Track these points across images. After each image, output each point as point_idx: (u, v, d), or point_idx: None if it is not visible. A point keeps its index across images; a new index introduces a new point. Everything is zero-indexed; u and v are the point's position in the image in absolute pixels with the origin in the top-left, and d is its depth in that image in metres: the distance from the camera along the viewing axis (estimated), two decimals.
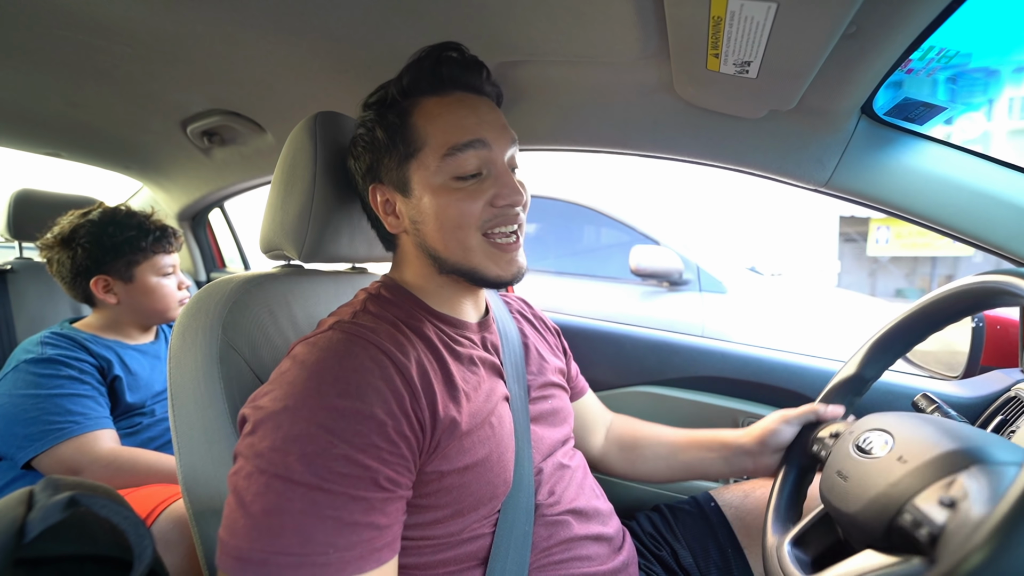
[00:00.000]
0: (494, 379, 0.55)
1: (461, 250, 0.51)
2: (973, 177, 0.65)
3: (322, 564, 0.35)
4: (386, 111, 0.52)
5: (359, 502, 0.37)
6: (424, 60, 0.51)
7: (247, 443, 0.39)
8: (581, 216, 2.37)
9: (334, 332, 0.45)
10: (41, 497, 0.36)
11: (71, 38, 0.72)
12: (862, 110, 0.67)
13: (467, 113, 0.50)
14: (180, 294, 0.97)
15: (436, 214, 0.50)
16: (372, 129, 0.53)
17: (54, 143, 1.24)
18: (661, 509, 0.75)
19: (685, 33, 0.54)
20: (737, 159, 0.77)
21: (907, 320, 0.53)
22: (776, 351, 0.94)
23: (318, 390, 0.40)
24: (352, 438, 0.38)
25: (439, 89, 0.51)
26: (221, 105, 1.00)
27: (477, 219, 0.50)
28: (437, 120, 0.50)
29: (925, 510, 0.33)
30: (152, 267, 0.92)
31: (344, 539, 0.36)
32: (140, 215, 0.94)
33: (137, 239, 0.90)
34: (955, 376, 0.84)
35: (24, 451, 0.75)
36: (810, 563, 0.46)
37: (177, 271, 0.99)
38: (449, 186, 0.49)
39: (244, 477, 0.38)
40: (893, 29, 0.50)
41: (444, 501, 0.46)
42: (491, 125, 0.51)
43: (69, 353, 0.83)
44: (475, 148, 0.49)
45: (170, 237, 0.96)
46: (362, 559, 0.36)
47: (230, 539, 0.36)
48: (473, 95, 0.52)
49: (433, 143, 0.49)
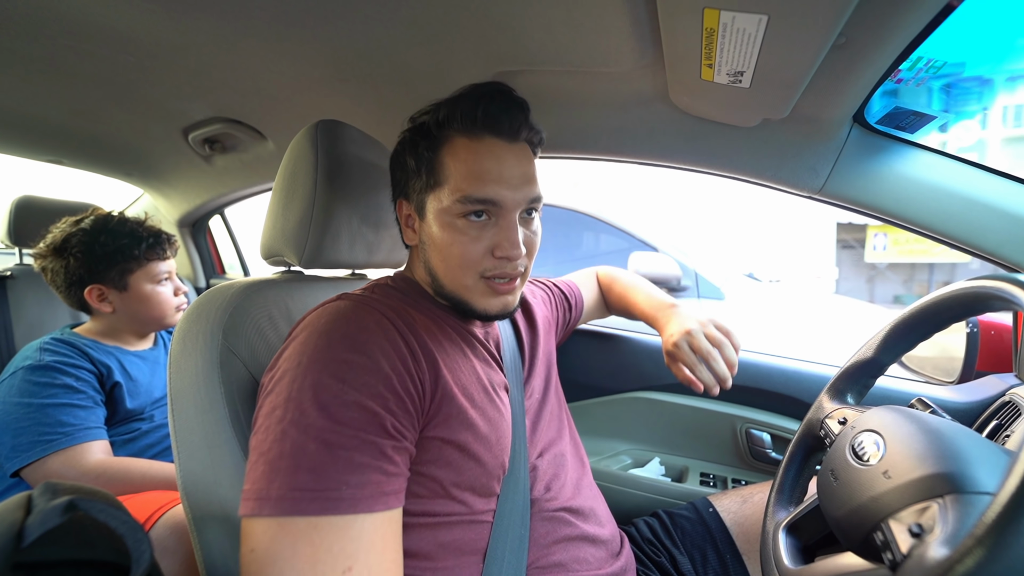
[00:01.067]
0: (494, 369, 0.58)
1: (457, 284, 0.54)
2: (964, 184, 0.66)
3: (335, 499, 0.37)
4: (419, 139, 0.54)
5: (369, 445, 0.40)
6: (463, 98, 0.52)
7: (266, 403, 0.42)
8: (580, 223, 2.38)
9: (342, 300, 0.49)
10: (39, 501, 0.37)
11: (74, 47, 0.73)
12: (854, 119, 0.68)
13: (491, 166, 0.50)
14: (177, 300, 0.96)
15: (441, 247, 0.53)
16: (403, 153, 0.56)
17: (56, 150, 1.24)
18: (659, 515, 0.75)
19: (679, 44, 0.55)
20: (732, 167, 0.79)
21: (909, 319, 0.53)
22: (774, 357, 0.95)
23: (328, 346, 0.43)
24: (361, 387, 0.41)
25: (471, 130, 0.51)
26: (223, 113, 1.01)
27: (478, 263, 0.52)
28: (461, 164, 0.51)
29: (895, 534, 0.34)
30: (146, 274, 0.92)
31: (356, 478, 0.38)
32: (133, 222, 0.93)
33: (130, 247, 0.89)
34: (950, 381, 0.84)
35: (11, 461, 0.75)
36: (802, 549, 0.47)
37: (173, 277, 0.97)
38: (456, 225, 0.51)
39: (262, 432, 0.40)
40: (882, 40, 0.51)
41: (443, 473, 0.47)
42: (510, 182, 0.51)
43: (68, 360, 0.82)
44: (484, 204, 0.51)
45: (164, 243, 0.94)
46: (372, 499, 0.38)
47: (250, 486, 0.38)
48: (504, 143, 0.52)
49: (452, 184, 0.51)
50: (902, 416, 0.43)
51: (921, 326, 0.51)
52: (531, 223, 0.55)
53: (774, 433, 0.89)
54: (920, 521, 0.33)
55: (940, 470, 0.35)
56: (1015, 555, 0.26)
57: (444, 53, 0.70)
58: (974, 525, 0.28)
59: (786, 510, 0.52)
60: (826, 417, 0.53)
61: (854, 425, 0.46)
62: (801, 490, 0.55)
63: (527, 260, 0.55)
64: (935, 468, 0.35)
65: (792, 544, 0.48)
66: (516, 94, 0.54)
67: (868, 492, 0.38)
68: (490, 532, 0.50)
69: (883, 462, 0.39)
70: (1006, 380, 0.78)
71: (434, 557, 0.47)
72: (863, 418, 0.46)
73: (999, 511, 0.27)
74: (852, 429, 0.45)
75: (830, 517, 0.42)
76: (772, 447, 0.89)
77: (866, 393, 0.57)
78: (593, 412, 1.02)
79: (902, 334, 0.53)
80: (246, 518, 0.38)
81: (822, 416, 0.54)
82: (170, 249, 0.96)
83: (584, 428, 1.02)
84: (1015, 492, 0.27)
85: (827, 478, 0.44)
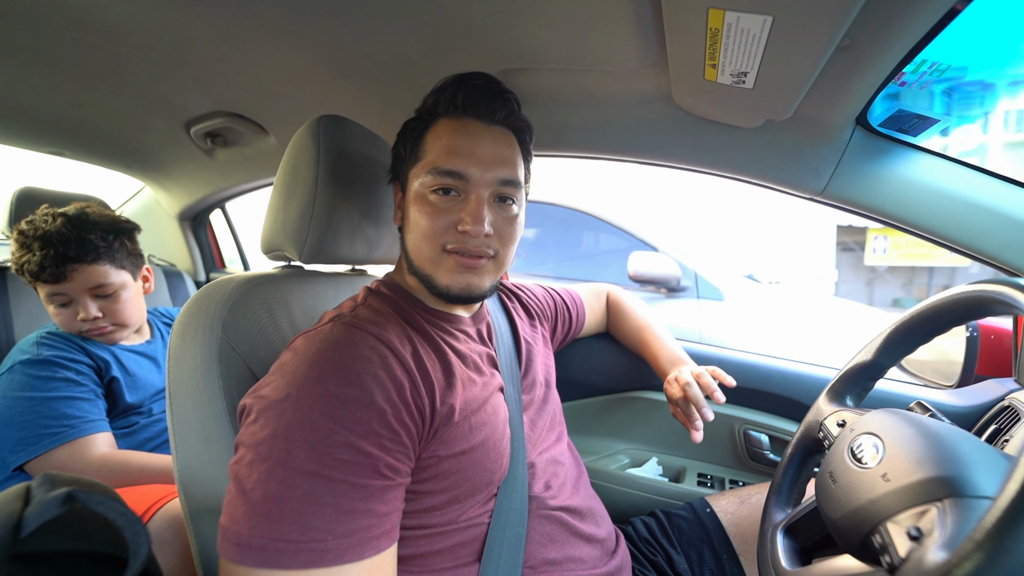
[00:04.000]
0: (490, 369, 0.57)
1: (423, 257, 0.54)
2: (966, 188, 0.66)
3: (320, 551, 0.35)
4: (413, 123, 0.57)
5: (359, 489, 0.38)
6: (447, 86, 0.55)
7: (248, 432, 0.40)
8: (580, 221, 2.38)
9: (334, 325, 0.47)
10: (38, 493, 0.37)
11: (77, 39, 0.73)
12: (857, 121, 0.68)
13: (464, 142, 0.52)
14: (78, 326, 0.84)
15: (413, 219, 0.54)
16: (399, 139, 0.59)
17: (58, 142, 1.24)
18: (657, 514, 0.75)
19: (683, 44, 0.55)
20: (734, 167, 0.78)
21: (909, 322, 0.53)
22: (773, 358, 0.95)
23: (319, 378, 0.41)
24: (353, 425, 0.39)
25: (453, 113, 0.54)
26: (225, 107, 1.00)
27: (440, 235, 0.52)
28: (439, 140, 0.53)
29: (893, 537, 0.34)
30: (42, 293, 0.84)
31: (343, 526, 0.36)
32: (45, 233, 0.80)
33: (28, 262, 0.80)
34: (950, 385, 0.84)
35: (16, 455, 0.74)
36: (799, 551, 0.47)
37: (84, 300, 0.83)
38: (427, 198, 0.53)
39: (246, 465, 0.38)
40: (886, 42, 0.51)
41: (442, 486, 0.47)
42: (480, 160, 0.52)
43: (65, 354, 0.82)
44: (452, 178, 0.52)
45: (50, 266, 0.79)
46: (360, 546, 0.37)
47: (230, 526, 0.37)
48: (483, 124, 0.54)
49: (428, 158, 0.53)
50: (901, 419, 0.42)
51: (921, 329, 0.51)
52: (506, 209, 0.54)
53: (772, 435, 0.89)
54: (919, 524, 0.33)
55: (939, 474, 0.35)
56: (1014, 560, 0.26)
57: (447, 50, 0.70)
58: (973, 529, 0.28)
59: (784, 511, 0.52)
60: (825, 419, 0.53)
61: (853, 427, 0.46)
62: (799, 492, 0.55)
63: (499, 245, 0.54)
64: (934, 472, 0.35)
65: (789, 546, 0.48)
66: (501, 84, 0.56)
67: (866, 495, 0.38)
68: (487, 532, 0.50)
69: (882, 465, 0.39)
70: (1006, 384, 0.78)
71: (430, 560, 0.47)
72: (862, 421, 0.46)
73: (998, 515, 0.27)
74: (851, 431, 0.45)
75: (828, 519, 0.42)
76: (770, 448, 0.89)
77: (865, 396, 0.57)
78: (591, 411, 1.02)
79: (902, 337, 0.53)
80: (225, 560, 0.36)
81: (821, 418, 0.54)
82: (64, 270, 0.81)
83: (582, 427, 1.02)
84: (1015, 497, 0.27)
85: (825, 480, 0.44)
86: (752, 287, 2.22)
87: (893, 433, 0.42)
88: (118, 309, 0.88)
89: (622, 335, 0.94)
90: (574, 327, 0.87)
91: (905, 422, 0.42)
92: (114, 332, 0.89)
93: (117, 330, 0.89)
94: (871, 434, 0.43)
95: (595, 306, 0.93)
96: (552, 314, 0.82)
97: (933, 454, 0.37)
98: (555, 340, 0.82)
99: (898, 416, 0.43)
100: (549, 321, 0.80)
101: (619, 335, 0.95)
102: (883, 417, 0.44)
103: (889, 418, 0.44)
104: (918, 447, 0.38)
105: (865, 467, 0.40)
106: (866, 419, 0.46)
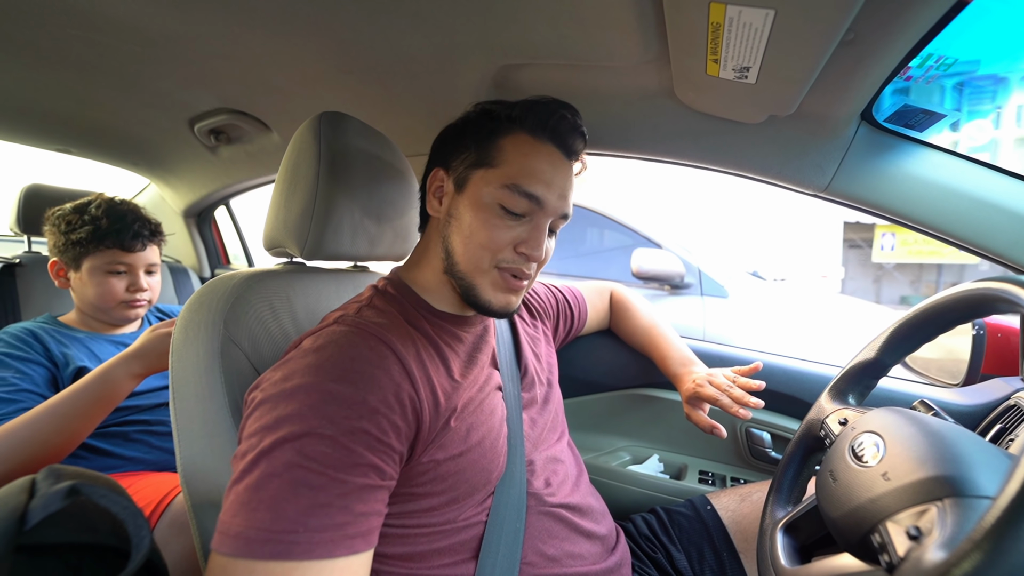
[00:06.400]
0: (489, 369, 0.58)
1: (472, 266, 0.54)
2: (973, 184, 0.65)
3: (290, 542, 0.35)
4: (485, 120, 0.56)
5: (337, 484, 0.37)
6: (541, 104, 0.55)
7: (245, 424, 0.41)
8: (583, 218, 2.37)
9: (338, 325, 0.47)
10: (43, 485, 0.37)
11: (82, 37, 0.73)
12: (862, 116, 0.67)
13: (547, 168, 0.53)
14: (125, 296, 0.92)
15: (470, 224, 0.53)
16: (462, 127, 0.57)
17: (64, 139, 1.25)
18: (657, 511, 0.75)
19: (685, 38, 0.54)
20: (737, 163, 0.78)
21: (914, 319, 0.53)
22: (776, 356, 0.94)
23: (315, 375, 0.41)
24: (341, 421, 0.39)
25: (538, 133, 0.55)
26: (228, 104, 1.01)
27: (499, 251, 0.53)
28: (521, 156, 0.53)
29: (892, 536, 0.34)
30: (100, 259, 0.89)
31: (316, 520, 0.36)
32: (119, 208, 0.91)
33: (93, 230, 0.88)
34: (955, 384, 0.84)
35: None
36: (799, 549, 0.47)
37: (138, 273, 0.93)
38: (493, 210, 0.52)
39: (239, 456, 0.39)
40: (891, 36, 0.50)
41: (440, 488, 0.47)
42: (557, 191, 0.54)
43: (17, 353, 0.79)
44: (530, 201, 0.52)
45: (129, 235, 0.89)
46: (332, 543, 0.36)
47: (221, 515, 0.37)
48: (562, 155, 0.56)
49: (505, 169, 0.53)
50: (903, 418, 0.42)
51: (926, 327, 0.51)
52: (552, 239, 0.58)
53: (774, 432, 0.89)
54: (918, 524, 0.33)
55: (940, 473, 0.35)
56: (1013, 560, 0.26)
57: (448, 46, 0.69)
58: (972, 529, 0.28)
59: (784, 509, 0.52)
60: (827, 417, 0.53)
61: (854, 426, 0.45)
62: (800, 490, 0.55)
63: (536, 269, 0.56)
64: (935, 471, 0.35)
65: (789, 544, 0.48)
66: (581, 120, 0.58)
67: (867, 493, 0.38)
68: (484, 529, 0.50)
69: (882, 464, 0.39)
70: (1012, 383, 0.77)
71: (429, 558, 0.47)
72: (864, 419, 0.45)
73: (998, 515, 0.27)
74: (852, 430, 0.45)
75: (828, 517, 0.42)
76: (772, 446, 0.88)
77: (868, 394, 0.56)
78: (592, 408, 1.02)
79: (906, 335, 0.52)
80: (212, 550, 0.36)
81: (823, 416, 0.53)
82: (141, 243, 0.92)
83: (583, 424, 1.02)
84: (1015, 497, 0.26)
85: (826, 478, 0.44)
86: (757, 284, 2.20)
87: (894, 432, 0.41)
88: (156, 288, 0.98)
89: (628, 334, 0.93)
90: (576, 325, 0.87)
91: (907, 421, 0.42)
92: (144, 308, 0.96)
93: (147, 306, 0.97)
94: (872, 433, 0.43)
95: (597, 304, 0.93)
96: (554, 312, 0.81)
97: (934, 453, 0.36)
98: (557, 338, 0.82)
99: (900, 415, 0.43)
100: (551, 319, 0.80)
101: (624, 334, 0.94)
102: (884, 416, 0.44)
103: (890, 417, 0.43)
104: (919, 446, 0.38)
105: (866, 466, 0.40)
106: (867, 417, 0.45)
